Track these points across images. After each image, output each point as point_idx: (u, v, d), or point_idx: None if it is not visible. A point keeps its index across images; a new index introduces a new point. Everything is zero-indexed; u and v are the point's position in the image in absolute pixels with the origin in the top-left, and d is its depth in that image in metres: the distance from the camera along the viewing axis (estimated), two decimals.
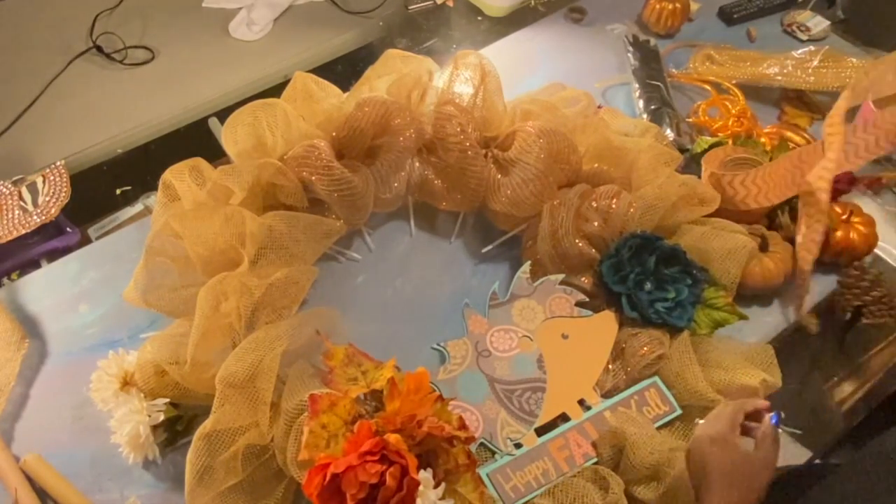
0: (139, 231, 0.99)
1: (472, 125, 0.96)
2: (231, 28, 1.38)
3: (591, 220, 0.91)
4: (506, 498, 0.74)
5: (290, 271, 0.85)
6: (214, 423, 0.71)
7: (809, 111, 1.19)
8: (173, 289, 0.83)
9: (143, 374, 0.77)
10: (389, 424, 0.66)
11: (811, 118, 1.18)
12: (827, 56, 1.22)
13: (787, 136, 1.11)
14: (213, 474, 0.70)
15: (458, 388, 0.81)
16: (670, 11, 1.27)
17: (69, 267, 0.96)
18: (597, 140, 0.99)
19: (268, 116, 0.93)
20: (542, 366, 0.84)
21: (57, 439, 0.81)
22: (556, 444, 0.78)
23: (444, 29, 1.38)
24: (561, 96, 1.05)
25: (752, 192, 0.95)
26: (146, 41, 1.34)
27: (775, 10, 1.35)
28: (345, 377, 0.74)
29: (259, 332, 0.77)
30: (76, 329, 0.90)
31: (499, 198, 0.94)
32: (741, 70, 1.21)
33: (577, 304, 0.89)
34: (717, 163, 0.99)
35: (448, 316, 0.91)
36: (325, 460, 0.62)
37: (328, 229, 0.92)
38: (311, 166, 0.90)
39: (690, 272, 0.87)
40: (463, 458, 0.68)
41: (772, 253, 0.92)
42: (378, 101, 0.94)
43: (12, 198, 1.03)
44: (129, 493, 0.77)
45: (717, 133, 1.11)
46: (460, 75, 1.00)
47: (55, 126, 1.21)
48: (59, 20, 1.37)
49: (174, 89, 1.27)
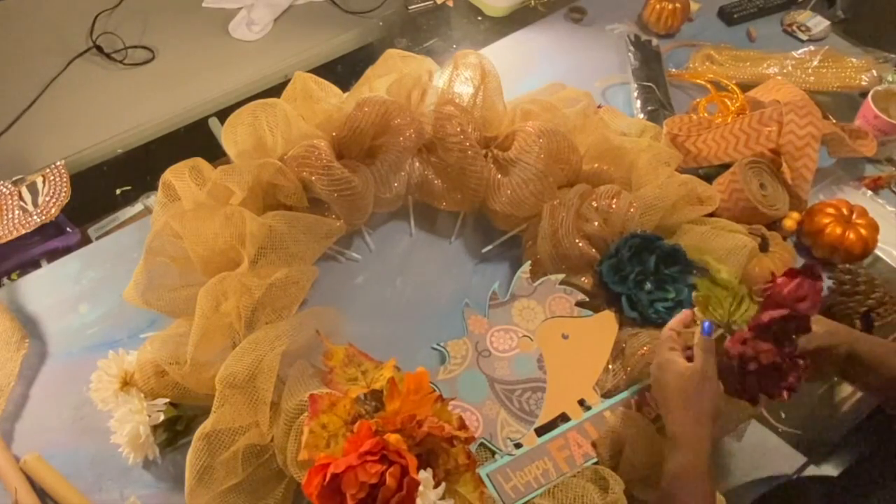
0: (139, 231, 0.99)
1: (472, 125, 0.96)
2: (231, 28, 1.38)
3: (591, 220, 0.91)
4: (506, 498, 0.74)
5: (290, 271, 0.85)
6: (214, 423, 0.71)
7: None
8: (173, 289, 0.83)
9: (143, 374, 0.77)
10: (389, 424, 0.66)
11: None
12: (827, 56, 1.22)
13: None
14: (213, 474, 0.70)
15: (458, 388, 0.81)
16: (670, 11, 1.27)
17: (69, 267, 0.96)
18: (597, 140, 0.99)
19: (268, 116, 0.93)
20: (542, 366, 0.84)
21: (57, 439, 0.81)
22: (556, 444, 0.78)
23: (444, 29, 1.38)
24: (561, 96, 1.05)
25: (712, 150, 1.01)
26: (146, 41, 1.34)
27: (775, 10, 1.35)
28: (345, 377, 0.74)
29: (259, 332, 0.77)
30: (76, 329, 0.90)
31: (499, 198, 0.94)
32: (741, 70, 1.22)
33: (577, 304, 0.89)
34: (677, 126, 1.05)
35: (448, 316, 0.91)
36: (325, 460, 0.62)
37: (328, 229, 0.92)
38: (311, 166, 0.90)
39: (690, 272, 0.87)
40: (463, 458, 0.68)
41: (772, 253, 0.92)
42: (378, 101, 0.94)
43: (12, 198, 1.03)
44: (129, 493, 0.77)
45: None
46: (460, 75, 1.00)
47: (55, 126, 1.21)
48: (59, 20, 1.37)
49: (174, 89, 1.27)
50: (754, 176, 0.98)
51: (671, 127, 1.04)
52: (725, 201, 0.97)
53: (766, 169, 0.99)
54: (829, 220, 0.96)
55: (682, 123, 1.05)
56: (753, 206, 0.95)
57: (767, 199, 0.97)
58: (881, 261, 1.00)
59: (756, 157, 0.99)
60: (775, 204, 0.97)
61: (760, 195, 0.96)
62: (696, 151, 1.02)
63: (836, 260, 0.97)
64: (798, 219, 0.99)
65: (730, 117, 1.10)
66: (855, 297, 0.91)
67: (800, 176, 0.98)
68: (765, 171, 0.99)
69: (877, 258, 1.00)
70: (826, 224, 0.96)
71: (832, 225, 0.96)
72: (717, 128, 1.04)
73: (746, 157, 0.98)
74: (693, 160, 1.03)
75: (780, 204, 0.98)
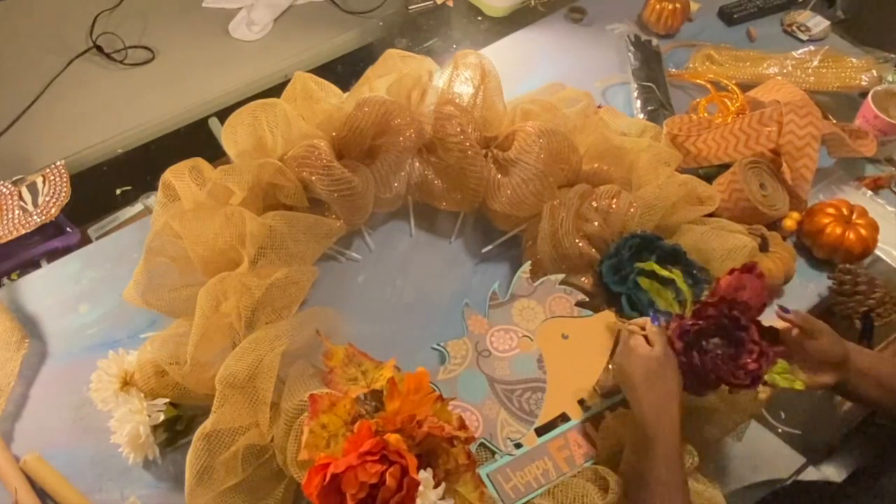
0: (139, 231, 0.99)
1: (472, 125, 0.96)
2: (231, 28, 1.38)
3: (591, 220, 0.91)
4: (506, 498, 0.74)
5: (290, 271, 0.85)
6: (214, 423, 0.71)
7: None
8: (173, 289, 0.83)
9: (143, 374, 0.77)
10: (389, 424, 0.66)
11: None
12: (827, 56, 1.23)
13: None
14: (213, 474, 0.70)
15: (458, 388, 0.81)
16: (670, 11, 1.27)
17: (69, 267, 0.96)
18: (597, 140, 0.99)
19: (268, 116, 0.93)
20: (542, 366, 0.84)
21: (57, 439, 0.81)
22: (556, 444, 0.79)
23: (444, 29, 1.38)
24: (561, 96, 1.05)
25: (712, 150, 1.02)
26: (146, 41, 1.34)
27: (775, 10, 1.35)
28: (345, 377, 0.74)
29: (259, 332, 0.77)
30: (76, 329, 0.90)
31: (499, 198, 0.94)
32: (741, 70, 1.22)
33: (577, 304, 0.89)
34: (677, 126, 1.06)
35: (448, 316, 0.91)
36: (325, 460, 0.62)
37: (328, 229, 0.92)
38: (311, 166, 0.90)
39: (690, 272, 0.87)
40: (463, 458, 0.68)
41: (772, 253, 0.92)
42: (378, 101, 0.94)
43: (12, 198, 1.03)
44: (129, 493, 0.77)
45: None
46: (460, 75, 1.00)
47: (55, 126, 1.21)
48: (59, 20, 1.37)
49: (174, 89, 1.27)
50: (754, 176, 0.98)
51: (671, 127, 1.04)
52: (725, 201, 0.97)
53: (766, 169, 0.99)
54: (829, 220, 0.96)
55: (682, 123, 1.05)
56: (753, 206, 0.95)
57: (767, 199, 0.97)
58: (881, 261, 1.00)
59: (756, 157, 0.99)
60: (775, 204, 0.97)
61: (760, 195, 0.96)
62: (696, 151, 1.02)
63: (836, 260, 0.97)
64: (798, 219, 0.99)
65: (730, 117, 1.10)
66: (855, 297, 0.91)
67: (800, 176, 0.98)
68: (765, 171, 0.99)
69: (877, 258, 1.00)
70: (826, 224, 0.96)
71: (832, 225, 0.96)
72: (717, 128, 1.04)
73: (746, 157, 0.98)
74: (693, 160, 1.03)
75: (780, 204, 0.98)
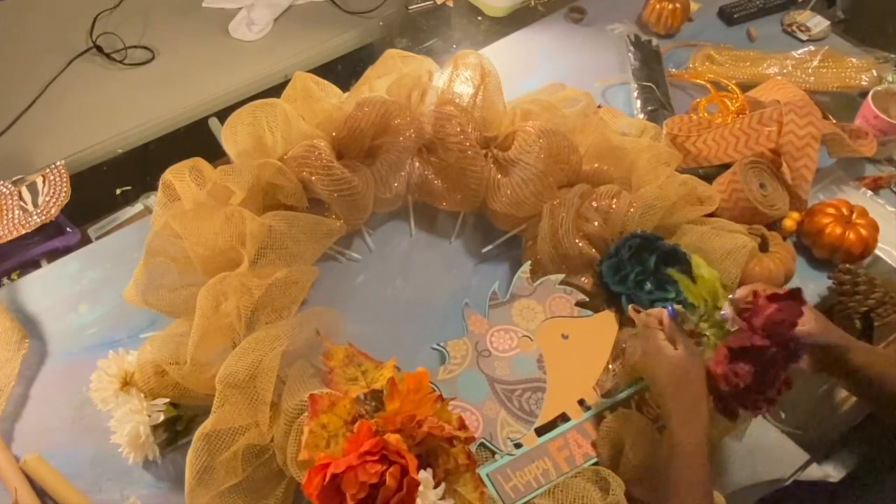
0: (139, 231, 0.99)
1: (472, 125, 0.96)
2: (231, 28, 1.38)
3: (591, 220, 0.91)
4: (506, 498, 0.74)
5: (290, 271, 0.85)
6: (214, 423, 0.71)
7: None
8: (173, 289, 0.83)
9: (143, 374, 0.77)
10: (389, 424, 0.66)
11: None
12: (827, 56, 1.23)
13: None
14: (213, 474, 0.70)
15: (458, 388, 0.81)
16: (670, 11, 1.27)
17: (69, 267, 0.96)
18: (597, 140, 0.99)
19: (268, 116, 0.93)
20: (542, 366, 0.84)
21: (57, 439, 0.81)
22: (556, 444, 0.78)
23: (444, 29, 1.38)
24: (561, 96, 1.05)
25: (712, 150, 1.02)
26: (146, 41, 1.34)
27: (775, 10, 1.35)
28: (345, 377, 0.74)
29: (259, 332, 0.77)
30: (76, 329, 0.90)
31: (499, 198, 0.94)
32: (741, 70, 1.22)
33: (577, 304, 0.89)
34: (677, 127, 1.06)
35: (448, 316, 0.91)
36: (325, 460, 0.62)
37: (328, 229, 0.92)
38: (311, 166, 0.90)
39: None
40: (463, 458, 0.68)
41: (772, 253, 0.92)
42: (378, 101, 0.94)
43: (12, 198, 1.03)
44: (129, 493, 0.77)
45: None
46: (460, 75, 1.00)
47: (55, 126, 1.21)
48: (59, 20, 1.38)
49: (174, 89, 1.27)
50: (754, 176, 0.98)
51: (671, 127, 1.04)
52: (725, 201, 0.97)
53: (766, 169, 0.99)
54: (829, 220, 0.96)
55: (682, 123, 1.05)
56: (753, 206, 0.95)
57: (767, 199, 0.97)
58: (881, 261, 1.00)
59: (756, 157, 0.99)
60: (775, 204, 0.97)
61: (760, 195, 0.96)
62: (696, 151, 1.02)
63: (836, 260, 0.97)
64: (798, 219, 0.99)
65: (730, 117, 1.10)
66: (855, 297, 0.91)
67: (800, 176, 0.98)
68: (765, 171, 0.99)
69: (877, 258, 1.00)
70: (826, 224, 0.96)
71: (832, 225, 0.96)
72: (717, 128, 1.04)
73: (746, 157, 0.98)
74: (693, 160, 1.03)
75: (780, 204, 0.98)
